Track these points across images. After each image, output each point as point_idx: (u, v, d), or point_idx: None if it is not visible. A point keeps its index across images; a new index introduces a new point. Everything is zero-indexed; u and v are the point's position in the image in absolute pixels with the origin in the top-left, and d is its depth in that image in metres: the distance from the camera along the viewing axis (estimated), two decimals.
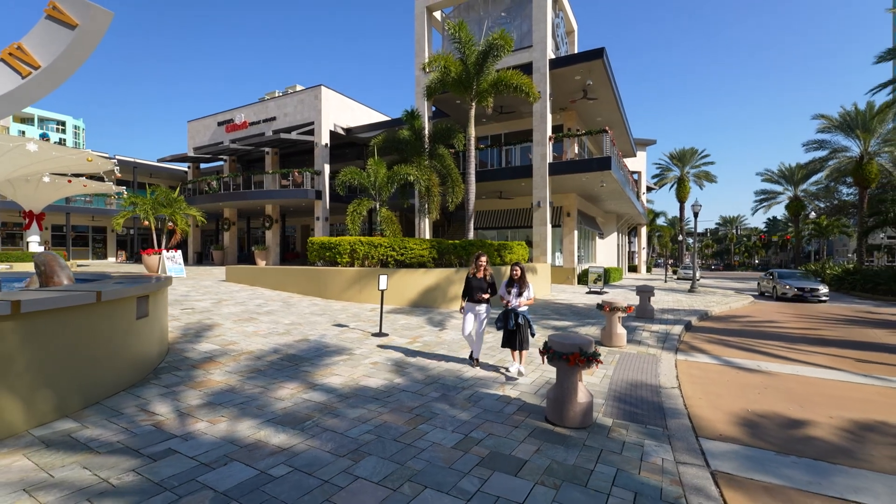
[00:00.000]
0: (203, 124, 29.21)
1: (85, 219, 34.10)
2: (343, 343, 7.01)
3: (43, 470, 2.85)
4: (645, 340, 7.96)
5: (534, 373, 5.68)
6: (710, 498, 2.82)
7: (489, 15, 19.28)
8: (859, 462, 3.52)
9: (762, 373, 6.30)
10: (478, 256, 5.81)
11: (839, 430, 4.17)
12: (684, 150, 44.03)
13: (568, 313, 11.09)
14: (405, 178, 14.85)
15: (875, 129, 25.80)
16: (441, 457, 3.23)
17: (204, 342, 6.62)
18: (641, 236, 42.04)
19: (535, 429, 3.85)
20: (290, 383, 4.94)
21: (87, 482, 2.72)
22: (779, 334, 9.53)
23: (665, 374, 5.83)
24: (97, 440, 3.33)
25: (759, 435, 4.07)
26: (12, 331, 3.34)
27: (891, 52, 17.68)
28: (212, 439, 3.41)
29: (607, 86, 18.12)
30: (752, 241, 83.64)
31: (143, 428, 3.59)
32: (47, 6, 7.10)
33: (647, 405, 4.60)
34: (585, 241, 23.75)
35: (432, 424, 3.87)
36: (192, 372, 5.21)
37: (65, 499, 2.54)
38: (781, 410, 4.71)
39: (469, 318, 5.77)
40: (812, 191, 39.84)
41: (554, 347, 3.98)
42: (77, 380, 3.94)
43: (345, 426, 3.76)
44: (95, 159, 14.88)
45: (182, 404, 4.16)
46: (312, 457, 3.16)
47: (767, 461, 3.53)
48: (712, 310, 13.03)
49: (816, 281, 18.08)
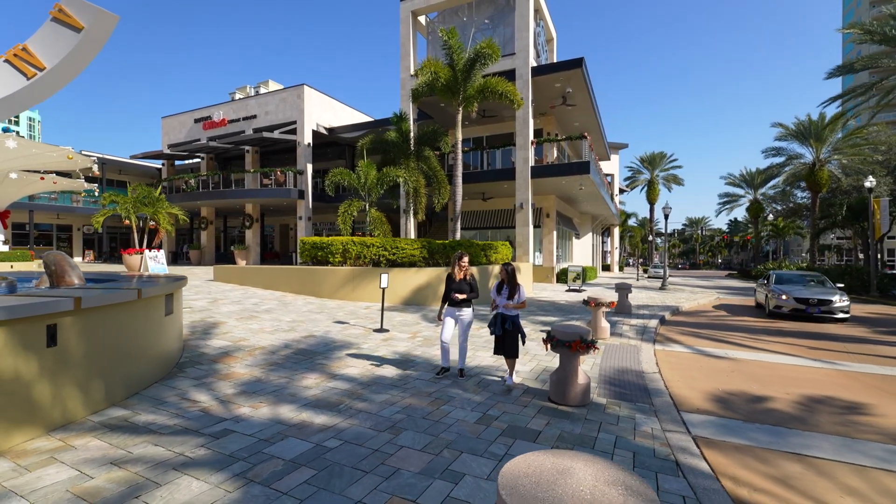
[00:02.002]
0: (178, 121, 28.56)
1: (49, 217, 32.68)
2: (348, 339, 7.39)
3: (119, 448, 3.18)
4: (625, 333, 8.69)
5: (531, 362, 6.25)
6: (693, 455, 3.43)
7: (473, 21, 19.86)
8: (809, 427, 4.24)
9: (729, 359, 7.10)
10: (460, 256, 5.36)
11: (793, 403, 4.91)
12: (654, 153, 45.96)
13: (552, 310, 11.78)
14: (394, 179, 15.23)
15: (826, 138, 27.91)
16: (468, 430, 3.73)
17: (214, 339, 6.87)
18: (614, 236, 43.70)
19: (542, 407, 4.40)
20: (311, 374, 5.32)
21: (165, 456, 3.08)
22: (742, 327, 10.50)
23: (646, 362, 6.51)
24: (154, 424, 3.66)
25: (729, 408, 4.76)
26: (72, 325, 3.62)
27: (839, 69, 19.31)
28: (260, 421, 3.79)
29: (585, 93, 19.03)
30: (716, 241, 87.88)
31: (192, 413, 3.92)
32: (53, 8, 7.18)
33: (634, 387, 5.24)
34: (563, 241, 24.70)
35: (452, 405, 4.36)
36: (214, 366, 5.51)
37: (151, 468, 2.90)
38: (746, 389, 5.45)
39: (449, 323, 5.31)
40: (770, 194, 42.39)
41: (557, 336, 4.54)
42: (121, 372, 4.22)
43: (375, 409, 4.20)
44: (75, 157, 14.59)
45: (218, 393, 4.49)
46: (356, 432, 3.60)
47: (736, 427, 4.20)
48: (682, 305, 14.03)
49: (829, 288, 12.32)
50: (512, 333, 5.01)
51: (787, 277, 13.60)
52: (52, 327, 3.43)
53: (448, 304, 5.33)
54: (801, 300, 11.39)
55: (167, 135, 28.95)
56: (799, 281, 13.28)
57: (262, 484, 2.74)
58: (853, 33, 18.21)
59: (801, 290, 11.87)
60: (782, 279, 13.46)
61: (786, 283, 13.13)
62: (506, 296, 5.05)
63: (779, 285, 12.74)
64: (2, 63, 7.38)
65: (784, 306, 11.61)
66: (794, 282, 13.20)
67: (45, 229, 33.51)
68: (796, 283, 13.12)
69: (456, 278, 5.30)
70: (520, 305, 5.04)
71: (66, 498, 2.53)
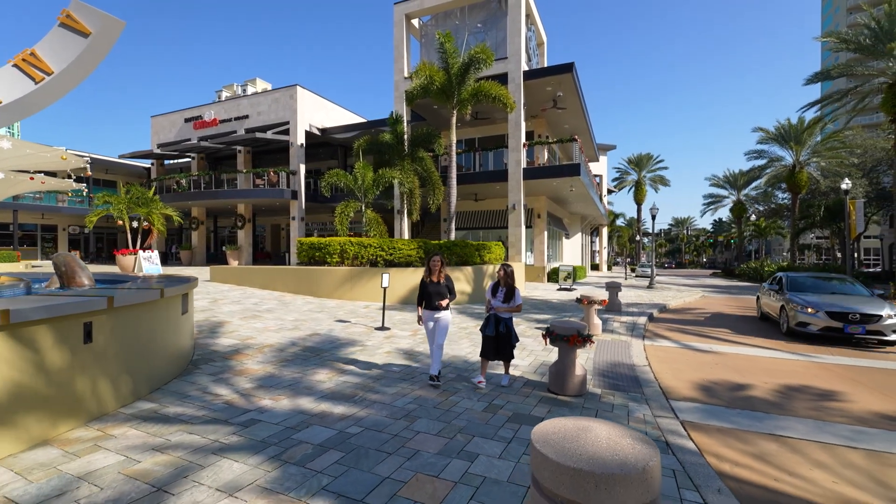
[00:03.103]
0: (168, 120, 28.37)
1: (34, 217, 32.12)
2: (352, 336, 7.65)
3: (156, 436, 3.42)
4: (616, 329, 9.09)
5: (528, 357, 6.58)
6: (681, 436, 3.80)
7: (466, 25, 20.18)
8: (785, 411, 4.65)
9: (713, 353, 7.54)
10: (430, 258, 5.19)
11: (771, 391, 5.33)
12: (641, 155, 46.91)
13: (545, 308, 12.16)
14: (390, 180, 15.48)
15: (805, 141, 28.92)
16: (477, 417, 4.05)
17: (222, 338, 7.07)
18: (602, 236, 44.48)
19: (542, 397, 4.74)
20: (322, 369, 5.59)
21: (202, 442, 3.33)
22: (726, 323, 11.00)
23: (637, 356, 6.90)
24: (184, 415, 3.90)
25: (713, 396, 5.16)
26: (105, 323, 3.84)
27: (817, 76, 20.11)
28: (283, 411, 4.05)
29: (575, 96, 19.49)
30: (701, 240, 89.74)
31: (217, 405, 4.17)
32: (61, 14, 7.30)
33: (626, 378, 5.61)
34: (553, 241, 25.19)
35: (459, 397, 4.67)
36: (227, 363, 5.73)
37: (191, 453, 3.15)
38: (728, 379, 5.86)
39: (428, 328, 5.15)
40: (753, 195, 43.59)
41: (556, 331, 4.87)
42: (145, 367, 4.44)
43: (388, 399, 4.49)
44: (69, 157, 14.54)
45: (238, 387, 4.73)
46: (374, 420, 3.89)
47: (719, 412, 4.60)
48: (669, 303, 14.55)
49: (870, 296, 9.17)
50: (505, 336, 4.99)
51: (807, 283, 10.11)
52: (87, 325, 3.65)
53: (426, 307, 5.10)
54: (837, 315, 8.15)
55: (157, 134, 28.74)
56: (824, 287, 9.90)
57: (298, 464, 3.02)
58: (829, 41, 18.98)
59: (834, 301, 8.59)
60: (800, 284, 10.06)
61: (809, 290, 9.70)
62: (501, 298, 5.02)
63: (800, 294, 9.36)
64: (10, 68, 7.54)
65: (812, 323, 8.41)
66: (819, 288, 9.82)
67: (29, 229, 32.94)
68: (822, 289, 9.75)
69: (433, 280, 5.11)
70: (515, 309, 5.03)
71: (120, 479, 2.77)
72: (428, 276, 5.17)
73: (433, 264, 5.16)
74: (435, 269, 5.13)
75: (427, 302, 5.09)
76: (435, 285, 5.11)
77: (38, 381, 3.26)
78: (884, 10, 17.28)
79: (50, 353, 3.34)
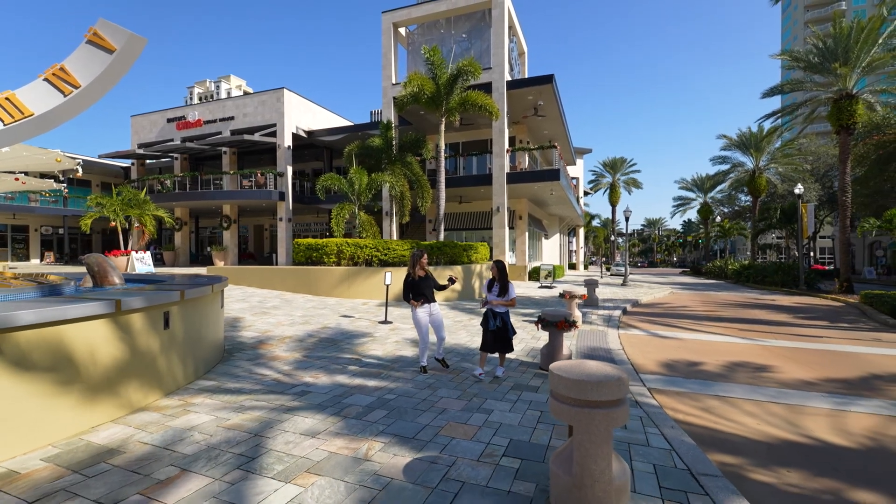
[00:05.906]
0: (150, 120, 28.21)
1: (5, 217, 31.24)
2: (360, 329, 8.46)
3: (231, 403, 4.20)
4: (594, 321, 10.20)
5: (519, 344, 7.55)
6: (647, 397, 4.82)
7: (451, 35, 21.12)
8: (728, 380, 5.77)
9: (676, 339, 8.71)
10: (417, 256, 5.45)
11: (720, 367, 6.48)
12: (615, 158, 49.01)
13: (529, 303, 13.22)
14: (381, 184, 16.25)
15: (764, 148, 31.15)
16: (485, 388, 4.97)
17: (244, 331, 7.77)
18: (579, 236, 46.25)
19: (536, 374, 5.70)
20: (344, 354, 6.40)
21: (271, 406, 4.13)
22: (689, 315, 12.32)
23: (612, 342, 7.98)
24: (244, 389, 4.67)
25: (673, 370, 6.25)
26: (177, 312, 4.58)
27: (773, 90, 21.97)
28: (326, 385, 4.88)
29: (555, 105, 20.72)
30: (672, 240, 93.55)
31: (268, 381, 4.95)
32: (88, 32, 7.88)
33: (604, 359, 6.64)
34: (534, 242, 26.43)
35: (467, 373, 5.59)
36: (257, 351, 6.48)
37: (267, 412, 3.95)
38: (687, 358, 7.00)
39: (425, 322, 5.44)
40: (718, 198, 46.25)
41: (546, 317, 5.85)
42: (199, 352, 5.18)
43: (409, 376, 5.36)
44: (63, 159, 14.73)
45: (278, 369, 5.51)
46: (404, 390, 4.76)
47: (678, 381, 5.67)
48: (641, 299, 15.87)
49: None
50: (502, 329, 5.22)
51: None
52: (167, 314, 4.39)
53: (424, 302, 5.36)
54: None
55: (137, 134, 28.51)
56: None
57: (355, 418, 3.87)
58: (783, 59, 20.84)
59: None
60: None
61: None
62: (496, 293, 5.29)
63: None
64: (41, 82, 8.12)
65: None
66: None
67: None
68: None
69: (421, 276, 5.38)
70: (509, 303, 5.26)
71: (220, 430, 3.57)
72: (414, 272, 5.42)
73: (422, 261, 5.43)
74: (422, 266, 5.44)
75: (424, 297, 5.36)
76: (424, 280, 5.44)
77: (134, 358, 3.99)
78: (829, 30, 19.14)
79: (141, 336, 4.07)
